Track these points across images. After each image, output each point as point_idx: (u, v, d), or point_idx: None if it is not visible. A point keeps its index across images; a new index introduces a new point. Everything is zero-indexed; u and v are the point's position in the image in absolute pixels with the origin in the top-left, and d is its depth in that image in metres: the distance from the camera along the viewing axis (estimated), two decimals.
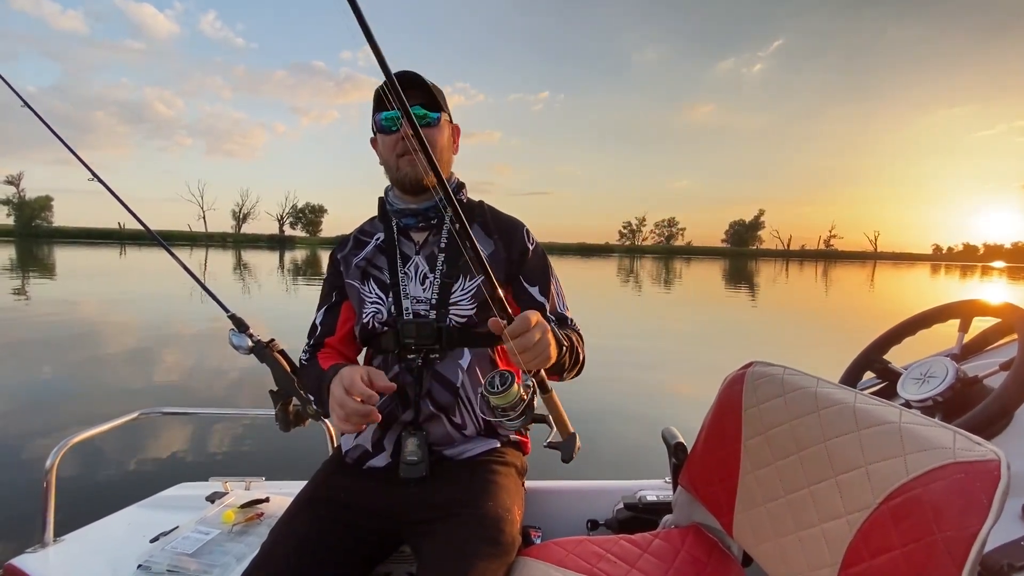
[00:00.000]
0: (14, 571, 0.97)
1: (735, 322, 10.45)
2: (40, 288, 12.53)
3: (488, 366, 1.03)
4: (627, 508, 1.18)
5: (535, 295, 1.07)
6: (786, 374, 0.85)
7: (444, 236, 1.05)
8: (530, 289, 1.07)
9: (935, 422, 0.61)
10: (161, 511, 1.18)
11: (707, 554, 0.94)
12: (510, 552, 0.87)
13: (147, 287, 13.76)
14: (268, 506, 1.15)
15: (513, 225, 1.11)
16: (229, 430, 3.47)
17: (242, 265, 25.41)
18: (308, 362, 1.10)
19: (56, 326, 7.27)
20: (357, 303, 1.07)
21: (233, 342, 1.27)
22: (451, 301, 1.00)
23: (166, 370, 5.17)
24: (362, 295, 1.05)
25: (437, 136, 1.02)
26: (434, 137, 1.01)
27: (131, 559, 0.94)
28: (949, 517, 0.53)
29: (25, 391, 4.25)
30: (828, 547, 0.68)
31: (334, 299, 1.12)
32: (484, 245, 1.05)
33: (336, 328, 1.11)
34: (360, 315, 1.05)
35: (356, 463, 1.03)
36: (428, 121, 1.00)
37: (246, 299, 11.24)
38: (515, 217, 1.14)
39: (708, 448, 0.96)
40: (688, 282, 22.44)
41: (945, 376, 0.85)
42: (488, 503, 0.91)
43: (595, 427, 3.77)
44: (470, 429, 1.00)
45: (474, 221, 1.08)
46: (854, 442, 0.68)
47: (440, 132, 1.03)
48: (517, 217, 1.14)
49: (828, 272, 38.37)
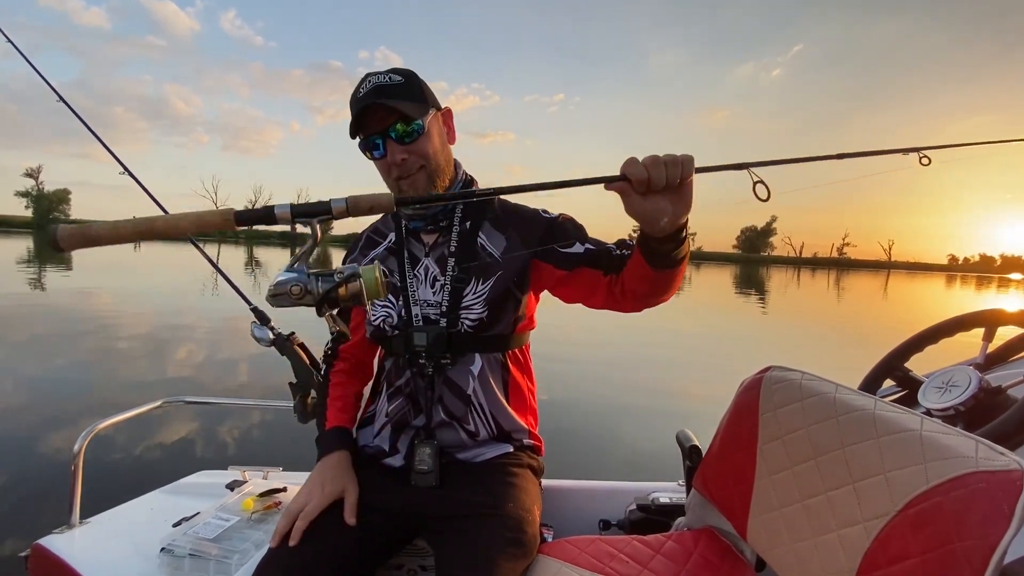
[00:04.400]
0: (42, 550, 1.00)
1: (746, 328, 10.36)
2: (58, 280, 12.76)
3: (500, 371, 1.02)
4: (640, 509, 1.19)
5: (578, 249, 0.98)
6: (804, 379, 0.85)
7: (455, 238, 1.01)
8: (570, 249, 0.98)
9: (956, 431, 0.62)
10: (183, 497, 1.20)
11: (720, 557, 0.94)
12: (532, 552, 0.88)
13: (164, 280, 13.96)
14: (285, 495, 1.16)
15: (528, 211, 1.06)
16: (248, 421, 3.53)
17: (254, 261, 25.66)
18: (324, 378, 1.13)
19: (76, 318, 7.40)
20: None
21: (255, 334, 1.30)
22: (463, 305, 0.97)
23: (186, 362, 5.25)
24: None
25: (426, 147, 0.93)
26: (423, 149, 0.93)
27: (154, 542, 0.97)
28: (970, 526, 0.53)
29: (49, 381, 4.34)
30: (844, 553, 0.68)
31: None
32: (495, 242, 1.01)
33: (349, 333, 1.11)
34: (370, 317, 1.05)
35: (371, 459, 1.05)
36: (412, 136, 0.92)
37: (259, 293, 11.35)
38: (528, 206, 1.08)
39: (723, 451, 0.96)
40: (699, 288, 22.27)
41: (968, 385, 0.85)
42: (509, 504, 0.91)
43: (607, 429, 3.78)
44: (483, 435, 1.00)
45: (485, 218, 1.02)
46: (873, 449, 0.68)
47: (429, 139, 0.93)
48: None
49: (840, 280, 37.88)
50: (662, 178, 0.69)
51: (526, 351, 1.09)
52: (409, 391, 1.00)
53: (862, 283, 34.96)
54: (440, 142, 0.98)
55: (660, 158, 0.68)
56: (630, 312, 0.98)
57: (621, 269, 0.94)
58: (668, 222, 0.73)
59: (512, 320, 1.01)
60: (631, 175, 0.69)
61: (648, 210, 0.72)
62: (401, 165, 0.93)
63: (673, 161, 0.69)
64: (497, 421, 1.01)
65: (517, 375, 1.05)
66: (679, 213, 0.73)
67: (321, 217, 0.66)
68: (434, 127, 0.96)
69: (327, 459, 0.98)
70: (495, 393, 1.00)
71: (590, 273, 0.98)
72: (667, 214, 0.72)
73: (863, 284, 33.38)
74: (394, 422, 1.02)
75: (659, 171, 0.68)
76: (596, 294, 0.99)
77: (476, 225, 1.02)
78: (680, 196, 0.72)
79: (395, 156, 0.92)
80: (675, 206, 0.72)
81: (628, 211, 0.73)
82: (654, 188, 0.70)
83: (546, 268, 1.01)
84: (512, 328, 1.02)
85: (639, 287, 0.91)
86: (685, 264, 0.85)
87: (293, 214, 0.65)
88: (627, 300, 0.95)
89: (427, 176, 0.95)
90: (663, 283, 0.87)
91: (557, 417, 3.84)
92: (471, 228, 1.02)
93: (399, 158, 0.92)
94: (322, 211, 0.66)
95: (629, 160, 0.69)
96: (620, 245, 0.98)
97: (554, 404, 4.15)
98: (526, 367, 1.09)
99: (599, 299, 1.00)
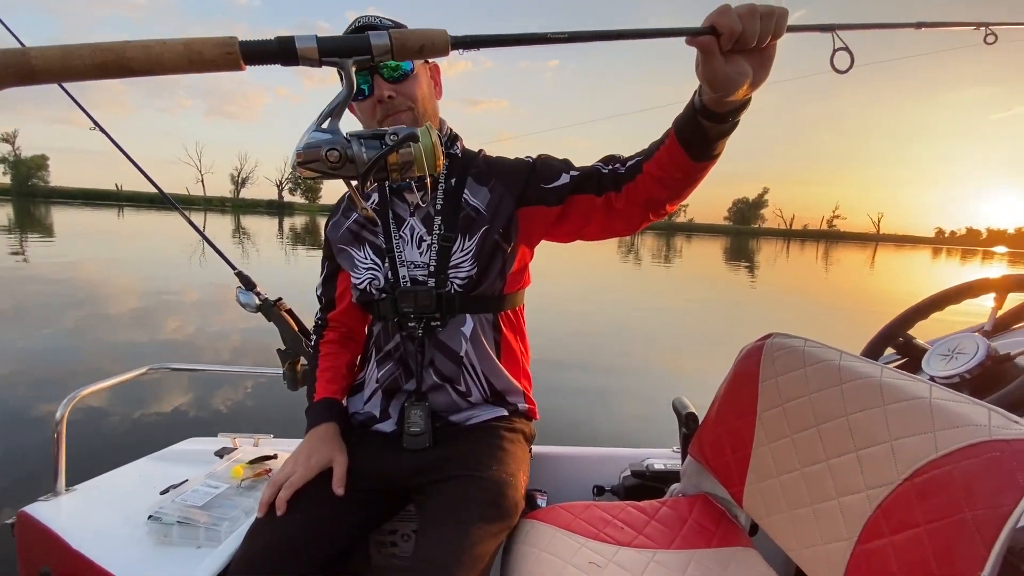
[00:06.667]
0: (27, 518, 0.97)
1: (737, 299, 10.46)
2: (40, 248, 12.47)
3: (492, 332, 1.00)
4: (634, 475, 1.19)
5: (564, 180, 0.95)
6: (807, 346, 0.83)
7: (440, 196, 0.97)
8: (556, 182, 0.95)
9: (968, 398, 0.60)
10: (171, 464, 1.18)
11: (715, 523, 0.94)
12: (512, 516, 0.87)
13: (148, 248, 13.71)
14: (276, 463, 1.15)
15: (510, 160, 1.02)
16: (237, 387, 3.51)
17: (241, 230, 25.25)
18: (314, 349, 1.11)
19: (58, 286, 7.26)
20: (351, 267, 1.02)
21: (240, 300, 1.25)
22: (451, 264, 0.95)
23: (172, 329, 5.19)
24: (356, 260, 1.01)
25: (415, 88, 0.91)
26: (412, 90, 0.91)
27: (142, 509, 0.95)
28: (981, 495, 0.52)
29: (32, 350, 4.26)
30: (845, 521, 0.67)
31: (330, 270, 1.10)
32: (479, 195, 0.97)
33: (336, 301, 1.10)
34: (355, 280, 1.02)
35: (362, 425, 1.03)
36: (401, 74, 0.90)
37: (249, 261, 11.21)
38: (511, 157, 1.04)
39: (721, 419, 0.95)
40: (689, 259, 22.38)
41: (975, 353, 0.83)
42: (493, 467, 0.90)
43: (600, 398, 3.82)
44: (475, 396, 0.99)
45: (468, 173, 0.99)
46: (879, 417, 0.67)
47: (417, 82, 0.92)
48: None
49: (829, 253, 38.25)
50: (755, 32, 0.59)
51: (520, 313, 1.07)
52: (399, 355, 0.98)
53: (849, 256, 35.34)
54: (428, 91, 0.96)
55: (757, 7, 0.59)
56: (628, 232, 0.95)
57: (620, 183, 0.89)
58: (745, 90, 0.65)
59: (502, 274, 0.98)
60: (722, 27, 0.59)
61: (730, 73, 0.62)
62: (388, 102, 0.90)
63: (769, 12, 0.59)
64: (490, 381, 1.00)
65: (510, 336, 1.03)
66: (759, 79, 0.65)
67: (357, 57, 0.51)
68: (423, 74, 0.94)
69: (314, 431, 0.96)
70: (488, 354, 0.99)
71: (582, 199, 0.94)
72: (747, 78, 0.63)
73: (850, 257, 33.75)
74: (385, 387, 1.00)
75: (754, 24, 0.59)
76: (592, 221, 0.95)
77: (461, 182, 0.99)
78: (764, 59, 0.64)
79: (382, 91, 0.89)
80: (757, 71, 0.64)
81: (704, 74, 0.63)
82: (745, 44, 0.60)
83: (538, 211, 0.97)
84: (503, 284, 0.99)
85: (660, 191, 0.85)
86: (717, 160, 0.79)
87: (321, 50, 0.49)
88: (632, 213, 0.90)
89: (413, 119, 0.92)
90: (692, 179, 0.81)
91: (550, 382, 3.88)
92: (456, 185, 0.98)
93: (386, 94, 0.89)
94: (360, 48, 0.50)
95: (721, 8, 0.59)
96: (609, 161, 0.93)
97: (547, 369, 4.18)
98: (519, 329, 1.07)
99: (596, 226, 0.96)
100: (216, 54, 0.48)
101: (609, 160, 0.93)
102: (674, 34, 0.59)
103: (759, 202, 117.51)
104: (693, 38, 0.60)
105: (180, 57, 0.47)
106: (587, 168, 0.95)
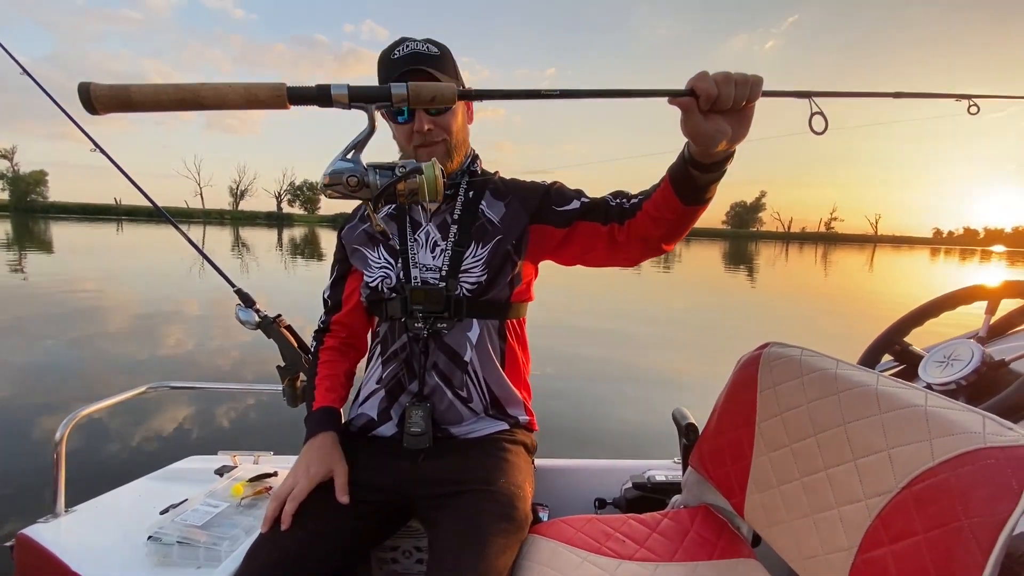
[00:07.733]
0: (26, 540, 0.97)
1: (737, 304, 10.46)
2: (39, 264, 12.48)
3: (498, 340, 1.01)
4: (635, 487, 1.19)
5: (574, 205, 1.00)
6: (803, 355, 0.83)
7: (458, 206, 1.02)
8: (566, 206, 1.00)
9: (962, 406, 0.60)
10: (170, 483, 1.18)
11: (717, 535, 0.94)
12: (523, 528, 0.87)
13: (147, 262, 13.71)
14: (276, 480, 1.14)
15: (527, 182, 1.09)
16: (236, 405, 3.49)
17: (240, 242, 25.28)
18: (313, 355, 1.11)
19: (58, 302, 7.25)
20: (364, 266, 1.05)
21: (240, 317, 1.26)
22: (462, 269, 0.97)
23: (171, 345, 5.18)
24: (370, 259, 1.03)
25: (451, 121, 0.97)
26: (448, 123, 0.96)
27: (141, 530, 0.94)
28: (977, 503, 0.52)
29: (30, 368, 4.25)
30: (845, 531, 0.67)
31: (340, 272, 1.12)
32: (495, 208, 1.02)
33: (342, 303, 1.11)
34: (367, 279, 1.04)
35: (361, 431, 1.03)
36: (443, 110, 0.95)
37: (249, 275, 11.21)
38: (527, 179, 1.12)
39: (720, 429, 0.95)
40: (689, 264, 22.40)
41: (971, 359, 0.84)
42: (501, 480, 0.90)
43: (599, 409, 3.80)
44: (476, 402, 0.99)
45: (487, 188, 1.05)
46: (876, 425, 0.67)
47: (454, 115, 0.97)
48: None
49: (828, 255, 38.30)
50: (730, 97, 0.66)
51: (523, 324, 1.09)
52: (404, 356, 0.99)
53: (847, 258, 35.38)
54: (462, 120, 1.01)
55: (732, 75, 0.66)
56: (628, 265, 1.00)
57: (623, 217, 0.94)
58: (725, 145, 0.71)
59: (509, 285, 1.01)
60: (700, 90, 0.66)
61: (708, 130, 0.69)
62: (426, 134, 0.95)
63: (744, 80, 0.66)
64: (491, 389, 1.00)
65: (514, 346, 1.05)
66: (737, 137, 0.71)
67: (380, 104, 0.63)
68: (460, 105, 1.00)
69: (312, 441, 0.96)
70: (492, 361, 1.00)
71: (588, 226, 0.99)
72: (726, 136, 0.70)
73: (848, 259, 33.79)
74: (387, 388, 1.01)
75: (728, 89, 0.66)
76: (596, 248, 1.00)
77: (479, 195, 1.04)
78: (742, 119, 0.70)
79: (422, 124, 0.94)
80: (735, 129, 0.70)
81: (686, 130, 0.70)
82: (721, 107, 0.67)
83: (546, 230, 1.02)
84: (509, 294, 1.01)
85: (655, 230, 0.90)
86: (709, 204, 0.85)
87: (351, 96, 0.62)
88: (632, 247, 0.96)
89: (446, 149, 0.98)
90: (684, 221, 0.87)
91: (550, 395, 3.87)
92: (474, 197, 1.03)
93: (425, 127, 0.94)
94: (382, 96, 0.62)
95: (699, 74, 0.66)
96: (617, 195, 0.98)
97: (547, 381, 4.17)
98: (522, 340, 1.09)
99: (599, 253, 1.01)
100: (268, 96, 0.60)
101: (618, 194, 0.98)
102: (658, 94, 0.67)
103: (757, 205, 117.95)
104: (675, 98, 0.67)
105: (240, 97, 0.60)
106: (597, 199, 1.00)
